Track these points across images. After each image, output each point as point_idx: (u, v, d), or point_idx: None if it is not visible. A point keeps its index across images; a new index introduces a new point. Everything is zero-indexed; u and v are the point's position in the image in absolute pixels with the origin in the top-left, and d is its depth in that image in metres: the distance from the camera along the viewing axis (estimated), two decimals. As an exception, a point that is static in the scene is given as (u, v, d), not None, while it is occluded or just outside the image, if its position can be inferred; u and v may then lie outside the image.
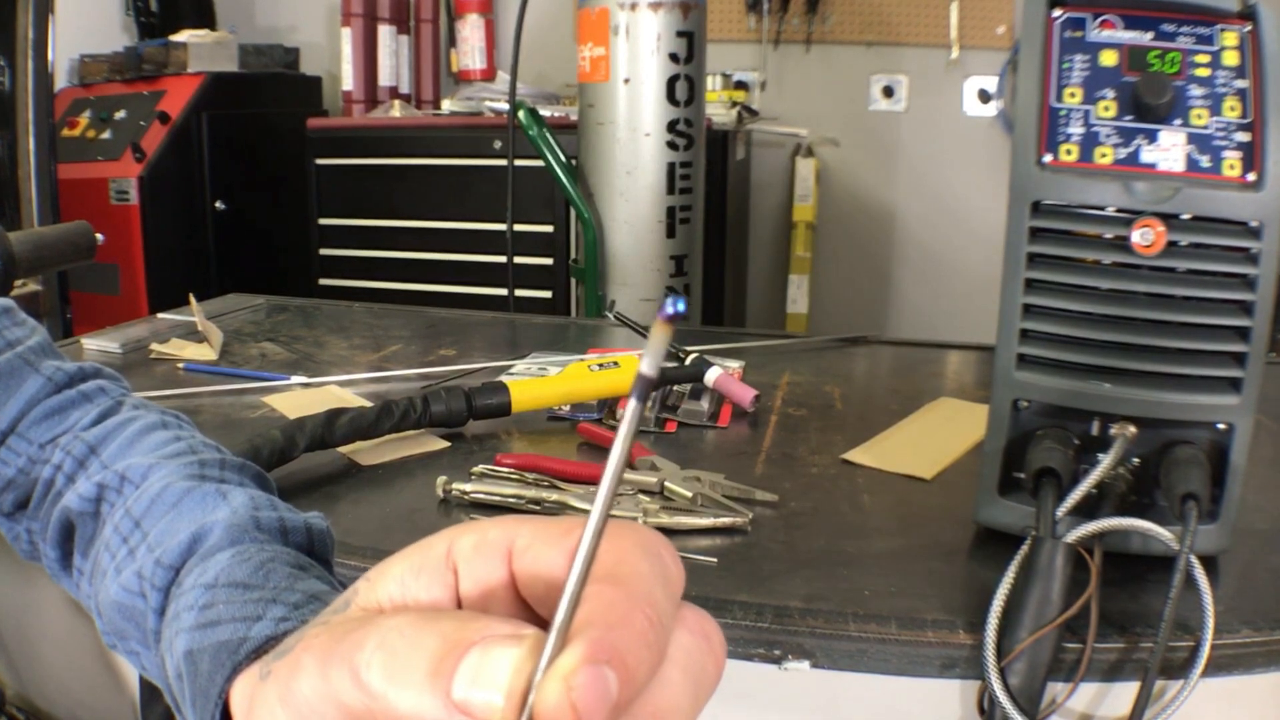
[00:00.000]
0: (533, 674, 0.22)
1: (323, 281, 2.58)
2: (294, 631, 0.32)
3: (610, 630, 0.23)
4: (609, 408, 0.97)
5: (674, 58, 1.77)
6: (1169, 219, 0.60)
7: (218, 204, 2.67)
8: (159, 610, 0.40)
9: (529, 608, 0.27)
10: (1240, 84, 0.61)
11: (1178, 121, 0.61)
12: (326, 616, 0.29)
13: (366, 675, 0.24)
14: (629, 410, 0.23)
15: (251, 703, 0.31)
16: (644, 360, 0.22)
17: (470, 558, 0.27)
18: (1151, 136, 0.61)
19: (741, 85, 2.86)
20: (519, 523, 0.28)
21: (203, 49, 2.67)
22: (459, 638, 0.23)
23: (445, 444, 0.89)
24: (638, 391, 0.22)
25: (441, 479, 0.77)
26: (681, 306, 0.22)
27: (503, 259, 2.03)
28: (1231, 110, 0.61)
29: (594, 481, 0.77)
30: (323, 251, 2.59)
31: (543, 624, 0.25)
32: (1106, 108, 0.62)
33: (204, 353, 1.16)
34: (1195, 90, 0.61)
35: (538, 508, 0.74)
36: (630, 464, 0.82)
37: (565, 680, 0.21)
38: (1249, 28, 0.62)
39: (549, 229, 2.34)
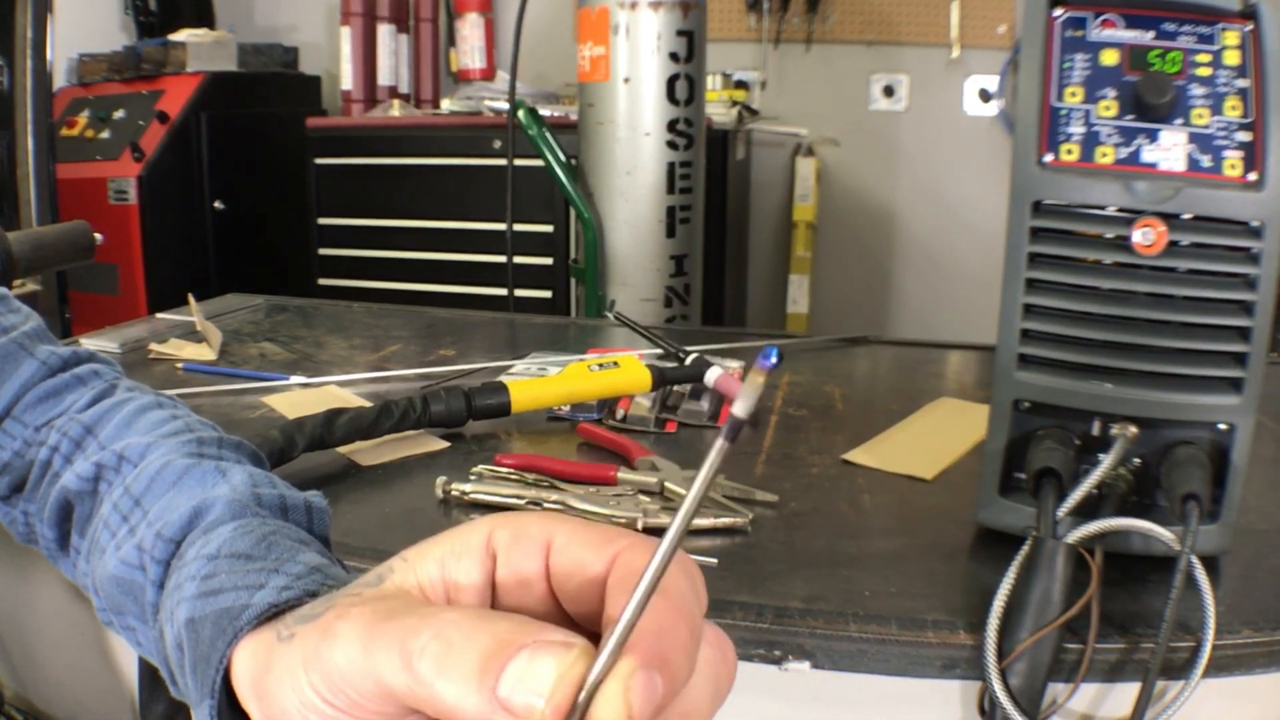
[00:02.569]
0: (579, 679, 0.24)
1: (322, 281, 2.58)
2: (296, 600, 0.33)
3: (660, 639, 0.25)
4: (609, 408, 0.96)
5: (674, 57, 1.77)
6: (1170, 219, 0.60)
7: (217, 204, 2.67)
8: (158, 583, 0.40)
9: (558, 602, 0.29)
10: (1241, 83, 0.61)
11: (1179, 121, 0.61)
12: (358, 589, 0.30)
13: (419, 662, 0.25)
14: (716, 449, 0.25)
15: (269, 662, 0.31)
16: (738, 403, 0.24)
17: (509, 548, 0.29)
18: (1152, 136, 0.61)
19: (742, 85, 2.86)
20: (557, 521, 0.30)
21: (202, 48, 2.66)
22: (511, 639, 0.25)
23: (445, 444, 0.89)
24: (729, 432, 0.24)
25: (441, 479, 0.76)
26: (774, 358, 0.25)
27: (502, 259, 2.03)
28: (1233, 110, 0.61)
29: (594, 481, 0.77)
30: (322, 251, 2.59)
31: (567, 616, 0.29)
32: (1107, 107, 0.62)
33: (203, 353, 1.16)
34: (1196, 90, 0.61)
35: (538, 508, 0.74)
36: (630, 464, 0.82)
37: (624, 682, 0.24)
38: (1250, 27, 0.61)
39: (549, 229, 2.34)
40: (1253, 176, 0.60)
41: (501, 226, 1.99)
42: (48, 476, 0.48)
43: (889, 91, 2.89)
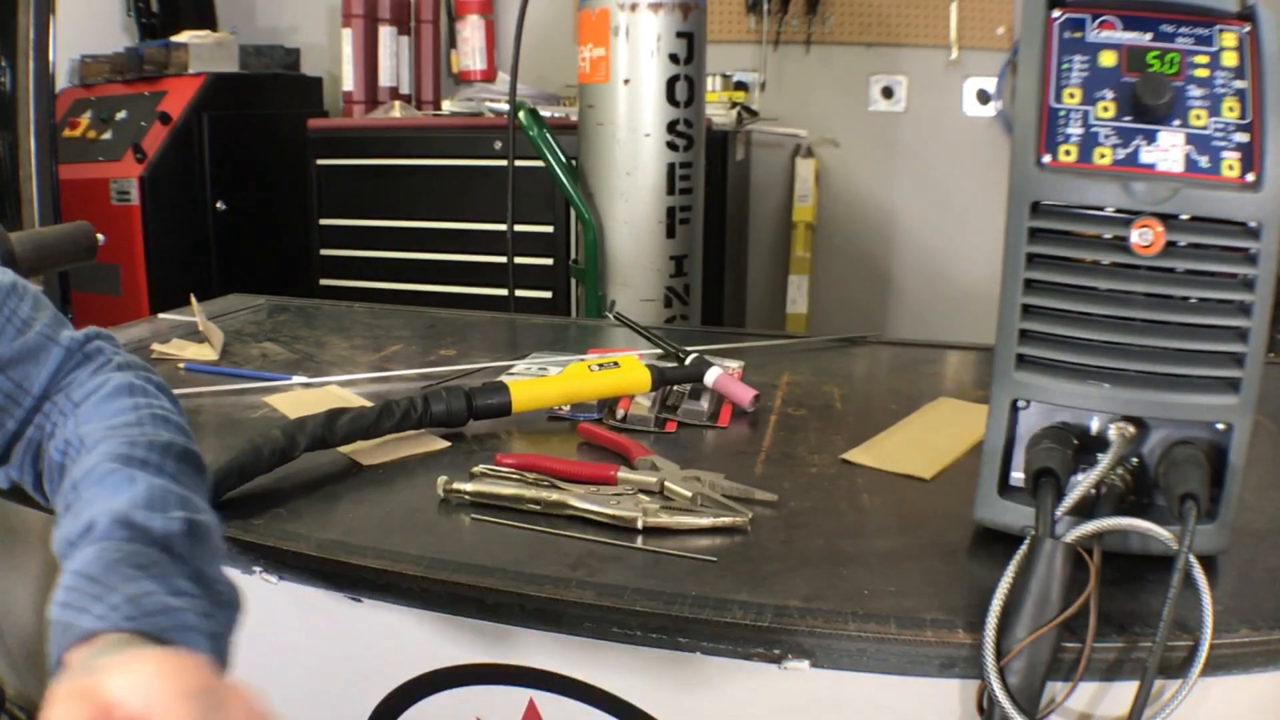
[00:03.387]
0: None
1: (323, 282, 2.58)
2: (101, 637, 0.43)
3: None
4: (609, 408, 0.97)
5: (674, 58, 1.77)
6: (1168, 219, 0.60)
7: (218, 204, 2.67)
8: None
9: None
10: (1239, 84, 0.61)
11: (1176, 122, 0.61)
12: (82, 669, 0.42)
13: None
14: None
15: None
16: None
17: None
18: (1150, 137, 0.61)
19: (741, 86, 2.86)
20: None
21: (203, 50, 2.67)
22: None
23: (445, 444, 0.89)
24: None
25: (442, 479, 0.77)
26: None
27: (503, 259, 2.03)
28: (1230, 111, 0.61)
29: (594, 481, 0.78)
30: (323, 252, 2.59)
31: None
32: (1106, 108, 0.62)
33: (205, 353, 1.16)
34: (1194, 91, 0.61)
35: (538, 507, 0.74)
36: (630, 464, 0.82)
37: None
38: (1247, 28, 0.62)
39: (549, 229, 2.34)
40: (1250, 177, 0.60)
41: (502, 227, 1.99)
42: (44, 450, 0.59)
43: (888, 93, 2.89)
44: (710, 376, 1.00)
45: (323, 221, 2.58)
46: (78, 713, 0.37)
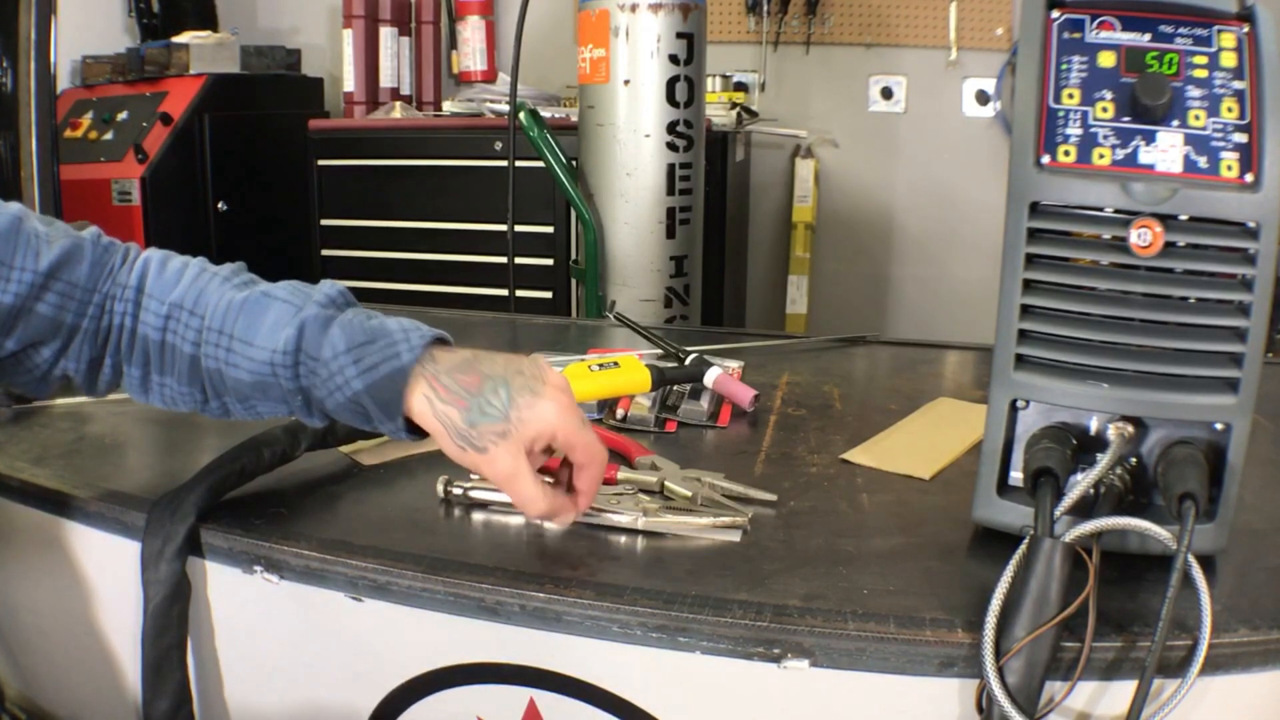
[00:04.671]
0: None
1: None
2: (426, 359, 0.65)
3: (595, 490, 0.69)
4: (609, 408, 0.97)
5: (674, 59, 1.77)
6: (1167, 220, 0.61)
7: (220, 205, 2.68)
8: (293, 377, 0.66)
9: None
10: (1238, 85, 0.61)
11: (1175, 122, 0.61)
12: (494, 434, 0.64)
13: (530, 510, 0.67)
14: None
15: (438, 434, 0.65)
16: None
17: (561, 442, 0.67)
18: (1149, 137, 0.62)
19: (741, 86, 2.86)
20: (574, 431, 0.66)
21: (204, 50, 2.67)
22: (563, 509, 0.68)
23: (446, 444, 0.89)
24: None
25: (442, 478, 0.77)
26: None
27: (503, 259, 2.03)
28: (1229, 111, 0.61)
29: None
30: (324, 252, 2.60)
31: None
32: (1105, 109, 0.62)
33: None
34: (1193, 91, 0.62)
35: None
36: (630, 463, 0.82)
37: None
38: (1246, 29, 0.62)
39: (549, 230, 2.35)
40: (1249, 178, 0.60)
41: (502, 227, 1.99)
42: (127, 331, 0.70)
43: (887, 93, 2.89)
44: (710, 376, 1.00)
45: (323, 222, 2.58)
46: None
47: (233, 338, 0.67)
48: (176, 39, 2.68)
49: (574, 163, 1.93)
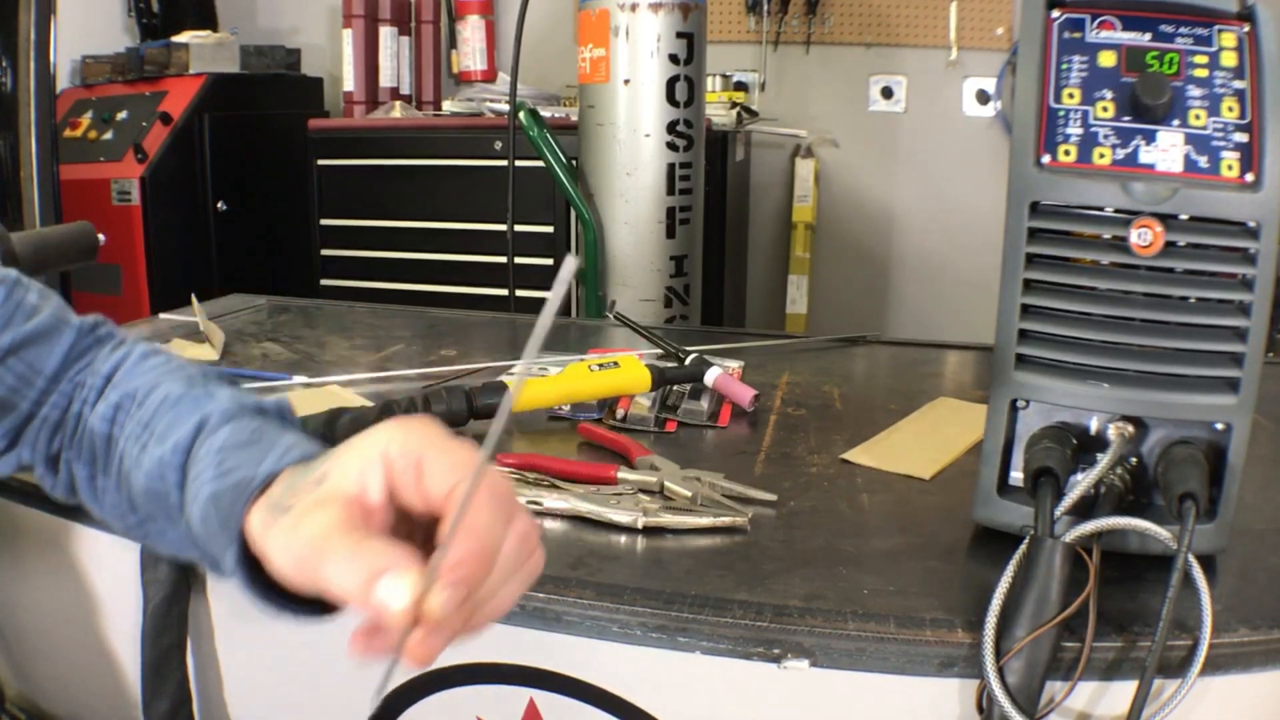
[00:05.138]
0: (421, 588, 0.38)
1: (324, 282, 2.58)
2: (284, 474, 0.47)
3: (460, 565, 0.39)
4: (609, 408, 0.97)
5: (674, 59, 1.77)
6: (1167, 219, 0.60)
7: (219, 205, 2.68)
8: (179, 485, 0.52)
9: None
10: (1238, 85, 0.61)
11: (1176, 122, 0.61)
12: (309, 486, 0.44)
13: (330, 572, 0.41)
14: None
15: (265, 532, 0.45)
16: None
17: (397, 461, 0.43)
18: (1150, 137, 0.62)
19: (741, 86, 2.86)
20: (428, 441, 0.43)
21: (204, 50, 2.67)
22: (381, 564, 0.40)
23: (446, 444, 0.89)
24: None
25: (442, 478, 0.77)
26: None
27: (503, 259, 2.03)
28: (1229, 111, 0.61)
29: (594, 481, 0.78)
30: (324, 252, 2.59)
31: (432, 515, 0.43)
32: (1105, 108, 0.62)
33: (206, 353, 1.16)
34: (1193, 91, 0.62)
35: (538, 507, 0.74)
36: (630, 463, 0.82)
37: (437, 595, 0.38)
38: (1247, 29, 0.62)
39: (549, 229, 2.35)
40: (1249, 177, 0.60)
41: (502, 227, 1.99)
42: (81, 423, 0.60)
43: (888, 93, 2.89)
44: (710, 376, 1.00)
45: (323, 221, 2.58)
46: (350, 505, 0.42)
47: (152, 434, 0.54)
48: (176, 39, 2.68)
49: (574, 162, 1.93)
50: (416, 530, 0.44)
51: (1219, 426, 0.62)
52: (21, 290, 0.61)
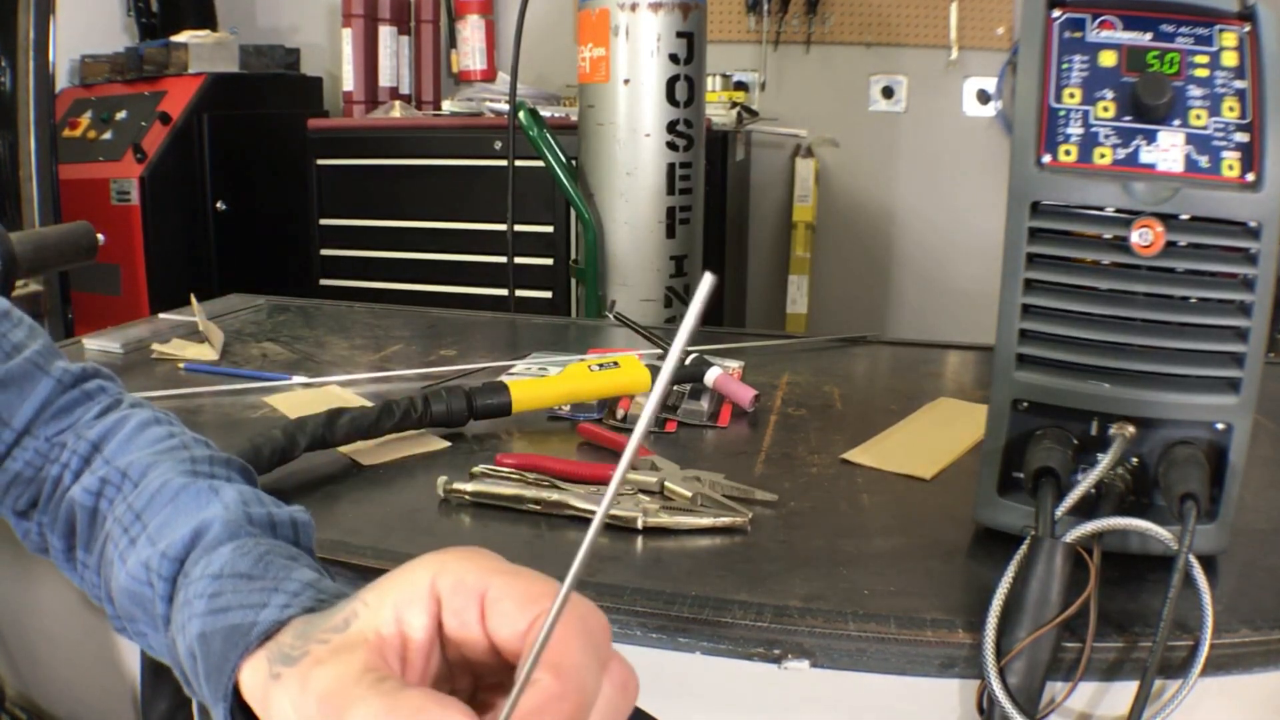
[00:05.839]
0: None
1: (323, 282, 2.58)
2: (294, 624, 0.38)
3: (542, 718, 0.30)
4: (609, 408, 0.97)
5: (674, 58, 1.77)
6: (1168, 219, 0.60)
7: (219, 204, 2.68)
8: (166, 598, 0.44)
9: (494, 647, 0.35)
10: (1239, 84, 0.61)
11: (1176, 122, 0.61)
12: (328, 634, 0.35)
13: None
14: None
15: (265, 694, 0.36)
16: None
17: (450, 596, 0.34)
18: (1150, 137, 0.61)
19: (741, 86, 2.86)
20: (491, 570, 0.35)
21: (203, 50, 2.67)
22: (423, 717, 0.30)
23: (446, 444, 0.89)
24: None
25: (442, 479, 0.77)
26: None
27: (503, 259, 2.03)
28: (1230, 111, 0.61)
29: (594, 481, 0.78)
30: (323, 252, 2.59)
31: (499, 659, 0.34)
32: (1105, 108, 0.62)
33: (205, 353, 1.16)
34: (1194, 91, 0.61)
35: (538, 507, 0.74)
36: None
37: None
38: (1248, 28, 0.62)
39: (549, 229, 2.35)
40: (1250, 177, 0.60)
41: (502, 227, 1.99)
42: (59, 490, 0.52)
43: (888, 93, 2.89)
44: (710, 376, 1.00)
45: (323, 221, 2.58)
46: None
47: (145, 528, 0.47)
48: (175, 38, 2.68)
49: (574, 162, 1.93)
50: (481, 689, 0.36)
51: (1220, 426, 0.62)
52: (7, 324, 0.55)
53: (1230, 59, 0.62)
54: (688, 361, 1.05)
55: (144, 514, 0.48)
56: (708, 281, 0.26)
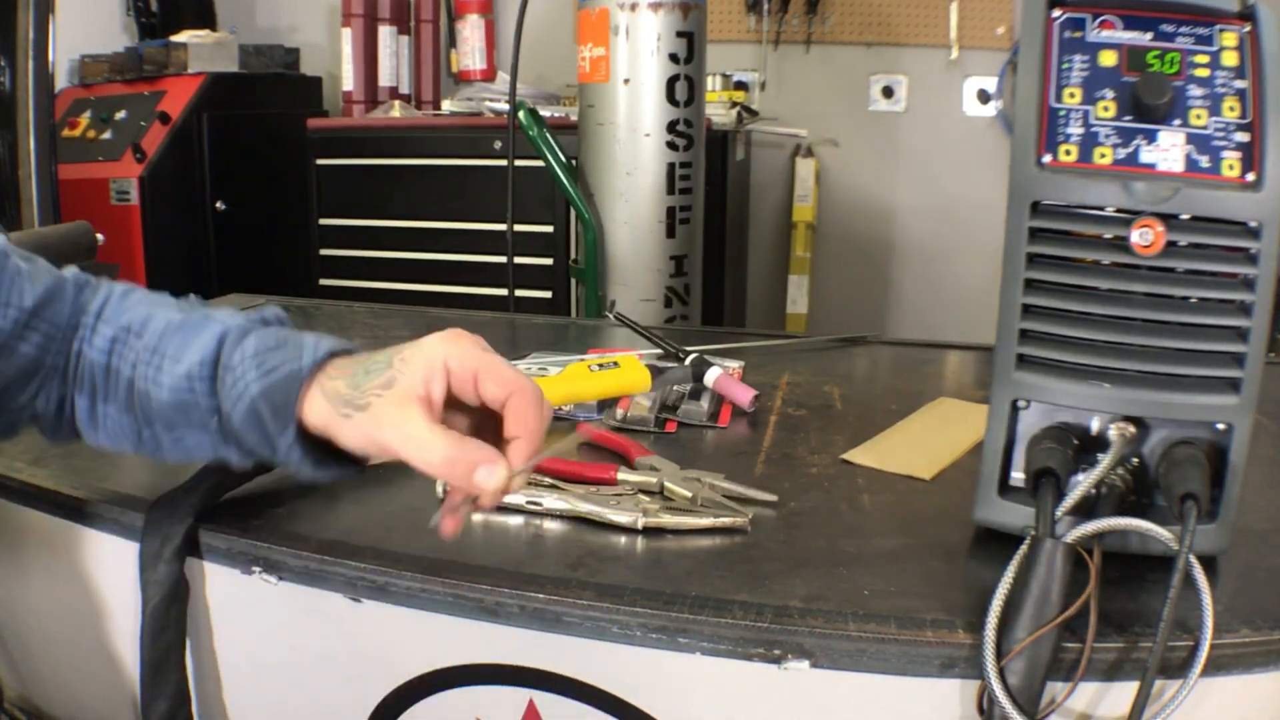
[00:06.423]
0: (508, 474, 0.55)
1: (323, 282, 2.59)
2: (333, 364, 0.59)
3: (531, 459, 0.56)
4: (609, 408, 0.97)
5: (674, 58, 1.77)
6: (1168, 219, 0.60)
7: (218, 204, 2.68)
8: (210, 393, 0.61)
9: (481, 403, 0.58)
10: (1239, 84, 0.61)
11: (1177, 122, 0.61)
12: (380, 389, 0.56)
13: (428, 458, 0.54)
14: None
15: (334, 425, 0.57)
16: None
17: (456, 371, 0.56)
18: (1151, 137, 0.61)
19: (741, 86, 2.86)
20: (479, 354, 0.56)
21: (203, 49, 2.67)
22: (480, 457, 0.54)
23: (445, 444, 0.89)
24: None
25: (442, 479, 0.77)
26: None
27: (503, 259, 2.03)
28: (1230, 110, 0.61)
29: (594, 481, 0.78)
30: (323, 252, 2.59)
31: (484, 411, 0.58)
32: (1106, 108, 0.62)
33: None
34: (1194, 90, 0.61)
35: (538, 507, 0.74)
36: (630, 464, 0.82)
37: (520, 476, 0.56)
38: (1248, 28, 0.62)
39: (549, 229, 2.35)
40: (1251, 177, 0.60)
41: (502, 227, 1.99)
42: (80, 359, 0.66)
43: (888, 92, 2.89)
44: (710, 376, 1.00)
45: (322, 221, 2.58)
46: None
47: (164, 356, 0.63)
48: (175, 38, 2.68)
49: (574, 162, 1.93)
50: (465, 414, 0.58)
51: (1220, 426, 0.62)
52: (14, 259, 0.66)
53: (1230, 59, 0.62)
54: (688, 361, 1.05)
55: (159, 347, 0.63)
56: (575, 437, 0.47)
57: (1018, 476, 0.67)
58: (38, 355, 0.65)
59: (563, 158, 1.91)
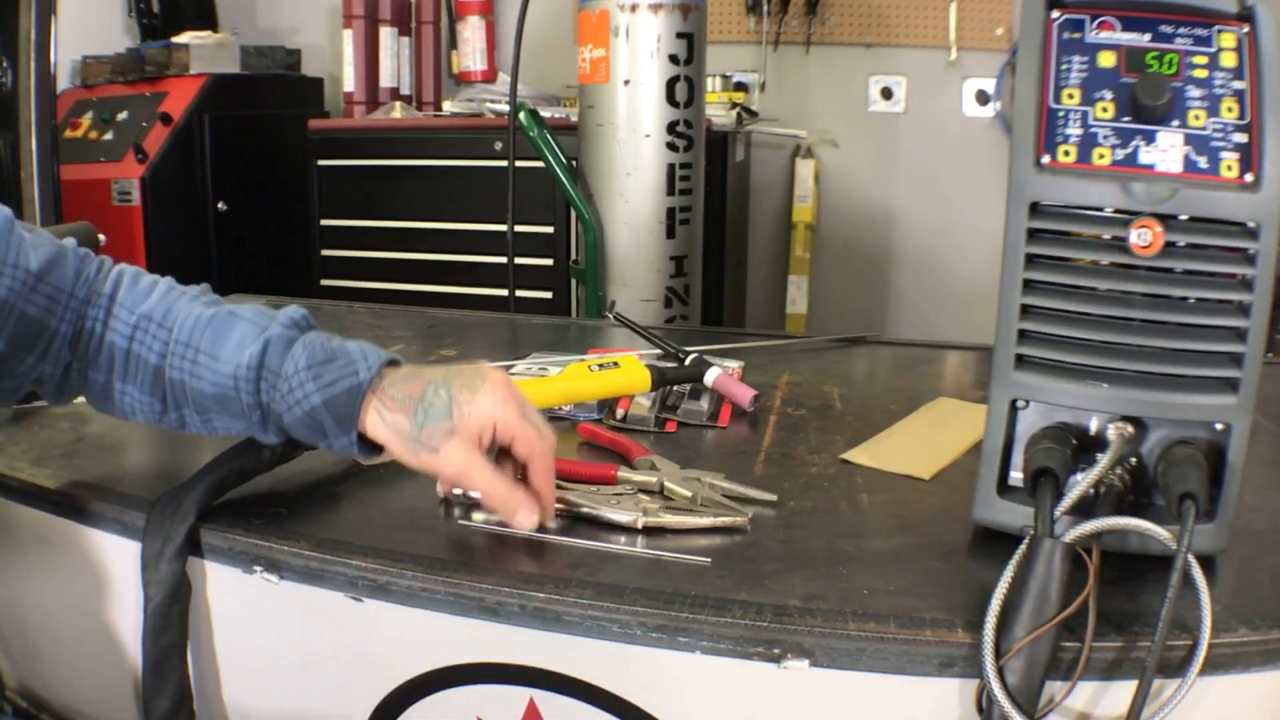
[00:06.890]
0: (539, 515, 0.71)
1: (324, 282, 2.59)
2: (380, 370, 0.70)
3: (551, 501, 0.72)
4: (609, 408, 0.97)
5: (674, 59, 1.78)
6: (1167, 220, 0.61)
7: (220, 205, 2.68)
8: (253, 392, 0.70)
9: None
10: (1238, 85, 0.61)
11: (1175, 123, 0.61)
12: (444, 434, 0.68)
13: (483, 491, 0.70)
14: None
15: (396, 448, 0.69)
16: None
17: (500, 429, 0.69)
18: (1149, 137, 0.62)
19: (741, 86, 2.86)
20: (518, 420, 0.69)
21: (205, 50, 2.67)
22: (520, 502, 0.70)
23: (446, 444, 0.89)
24: None
25: (442, 479, 0.77)
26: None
27: (503, 260, 2.03)
28: (1229, 111, 0.61)
29: (594, 481, 0.78)
30: (324, 252, 2.60)
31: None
32: (1105, 109, 0.62)
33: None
34: (1193, 91, 0.62)
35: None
36: (630, 464, 0.82)
37: (550, 516, 0.72)
38: (1246, 29, 0.62)
39: (549, 230, 2.35)
40: (1249, 178, 0.60)
41: (502, 228, 1.99)
42: (97, 339, 0.72)
43: (887, 93, 2.89)
44: (710, 376, 1.00)
45: (323, 222, 2.58)
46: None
47: (199, 351, 0.70)
48: (176, 39, 2.68)
49: (574, 163, 1.93)
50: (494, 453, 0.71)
51: (1219, 426, 0.62)
52: (18, 228, 0.70)
53: (1229, 60, 0.62)
54: (688, 361, 1.05)
55: (191, 341, 0.71)
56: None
57: (1016, 476, 0.68)
58: (42, 318, 0.69)
59: (563, 158, 1.91)
